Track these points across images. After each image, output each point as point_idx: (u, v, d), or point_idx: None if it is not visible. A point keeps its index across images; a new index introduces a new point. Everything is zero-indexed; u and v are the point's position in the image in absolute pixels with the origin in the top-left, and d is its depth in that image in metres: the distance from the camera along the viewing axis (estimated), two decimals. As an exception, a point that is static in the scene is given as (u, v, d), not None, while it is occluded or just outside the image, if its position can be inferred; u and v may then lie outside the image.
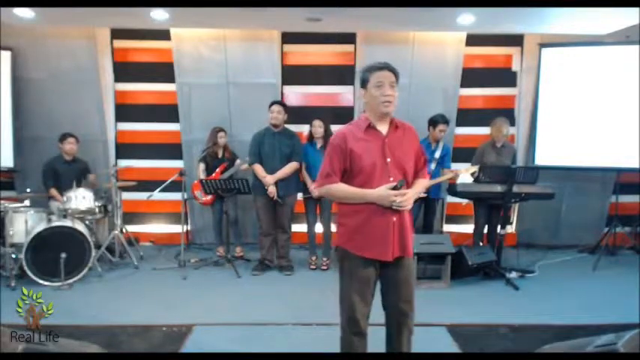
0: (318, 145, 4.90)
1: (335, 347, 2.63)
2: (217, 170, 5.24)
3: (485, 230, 5.07)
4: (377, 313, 2.52)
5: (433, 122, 4.97)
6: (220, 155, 5.33)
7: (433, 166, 4.99)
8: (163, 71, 5.78)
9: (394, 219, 2.30)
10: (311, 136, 4.98)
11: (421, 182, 2.46)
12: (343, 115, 5.86)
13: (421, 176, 2.46)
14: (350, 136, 2.33)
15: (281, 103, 4.94)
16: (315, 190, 4.79)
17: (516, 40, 5.80)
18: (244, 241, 5.70)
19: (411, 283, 2.41)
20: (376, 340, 2.58)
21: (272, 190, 4.70)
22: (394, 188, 2.25)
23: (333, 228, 5.07)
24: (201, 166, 5.32)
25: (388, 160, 2.30)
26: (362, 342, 2.46)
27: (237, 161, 5.28)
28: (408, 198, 2.28)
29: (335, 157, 2.34)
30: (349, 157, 2.31)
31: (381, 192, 2.27)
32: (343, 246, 2.39)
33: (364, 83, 2.33)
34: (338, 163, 2.33)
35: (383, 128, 2.34)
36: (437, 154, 5.00)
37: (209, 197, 5.20)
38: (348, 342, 2.45)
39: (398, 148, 2.33)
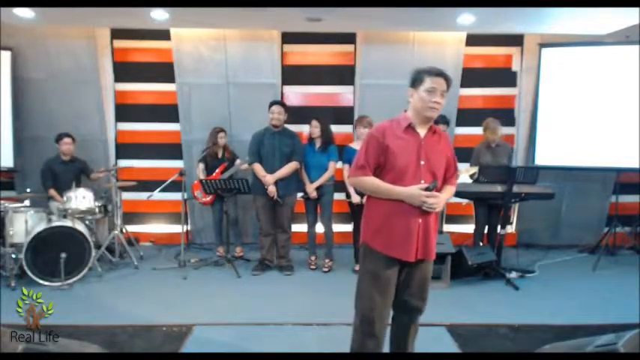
0: (317, 146, 4.90)
1: (335, 347, 2.63)
2: (217, 170, 5.24)
3: (486, 230, 5.07)
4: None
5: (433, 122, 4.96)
6: (220, 155, 5.33)
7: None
8: (163, 71, 5.78)
9: (420, 220, 2.32)
10: (310, 137, 4.98)
11: (449, 189, 2.48)
12: (343, 115, 5.87)
13: (450, 183, 2.49)
14: (389, 132, 2.35)
15: (281, 103, 4.94)
16: (312, 191, 4.80)
17: (516, 40, 5.79)
18: (244, 241, 5.70)
19: (428, 284, 2.47)
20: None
21: (272, 189, 4.70)
22: (427, 189, 2.27)
23: (335, 228, 5.07)
24: (201, 166, 5.32)
25: (422, 162, 2.32)
26: (374, 345, 2.42)
27: (237, 161, 5.28)
28: (439, 201, 2.30)
29: (371, 149, 2.35)
30: (385, 153, 2.32)
31: (413, 191, 2.28)
32: (368, 242, 2.40)
33: (415, 83, 2.35)
34: (373, 156, 2.35)
35: (422, 131, 2.37)
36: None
37: (209, 197, 5.20)
38: (359, 344, 2.44)
39: (432, 152, 2.36)
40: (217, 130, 5.29)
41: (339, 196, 5.13)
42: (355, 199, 4.68)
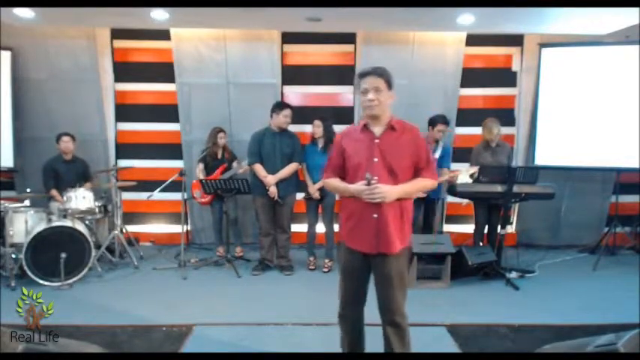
0: (320, 146, 4.90)
1: (335, 347, 2.63)
2: (217, 171, 5.24)
3: (486, 230, 5.07)
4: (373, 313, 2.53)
5: (432, 122, 4.97)
6: (220, 156, 5.33)
7: (433, 166, 4.99)
8: (163, 71, 5.78)
9: (375, 215, 2.39)
10: (313, 137, 4.97)
11: (415, 182, 2.47)
12: (343, 115, 5.87)
13: (422, 176, 2.48)
14: (347, 135, 2.55)
15: (290, 106, 4.88)
16: (315, 192, 4.81)
17: (516, 40, 5.79)
18: (244, 241, 5.70)
19: (396, 281, 2.46)
20: (375, 341, 2.59)
21: (273, 190, 4.70)
22: (368, 184, 2.34)
23: (335, 228, 5.07)
24: (200, 166, 5.31)
25: (375, 160, 2.40)
26: (345, 324, 2.61)
27: (234, 164, 5.27)
28: (378, 192, 2.32)
29: (334, 153, 2.58)
30: (343, 155, 2.50)
31: (356, 187, 2.40)
32: (340, 235, 2.59)
33: (357, 89, 2.47)
34: (335, 159, 2.56)
35: (378, 129, 2.45)
36: (437, 154, 4.99)
37: (207, 197, 5.20)
38: (339, 323, 2.64)
39: (390, 149, 2.42)
40: (217, 131, 5.29)
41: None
42: None
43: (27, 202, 4.71)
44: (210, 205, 5.35)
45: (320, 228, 5.06)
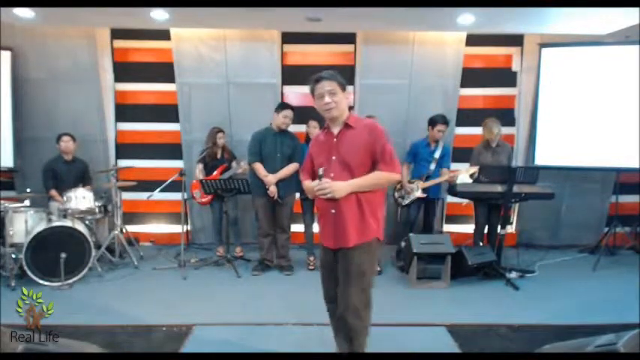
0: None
1: (335, 347, 2.63)
2: (216, 171, 5.24)
3: (486, 230, 5.07)
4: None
5: (432, 122, 4.97)
6: (219, 156, 5.33)
7: (433, 166, 5.00)
8: (163, 71, 5.78)
9: (333, 210, 2.48)
10: (307, 137, 4.97)
11: (369, 175, 2.46)
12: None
13: (379, 168, 2.46)
14: (315, 141, 2.69)
15: (291, 107, 4.88)
16: None
17: (516, 40, 5.80)
18: (244, 241, 5.70)
19: (352, 276, 2.45)
20: (376, 341, 2.59)
21: (273, 189, 4.69)
22: (319, 178, 2.45)
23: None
24: (200, 166, 5.32)
25: (333, 158, 2.49)
26: (332, 318, 2.70)
27: (234, 164, 5.27)
28: (326, 188, 2.40)
29: (306, 158, 2.71)
30: (312, 157, 2.64)
31: (310, 184, 2.57)
32: None
33: (312, 95, 2.56)
34: (307, 162, 2.70)
35: (336, 129, 2.54)
36: (436, 154, 5.00)
37: (207, 198, 5.20)
38: (329, 316, 2.74)
39: (344, 146, 2.48)
40: (216, 131, 5.29)
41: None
42: None
43: (27, 202, 4.70)
44: (210, 205, 5.35)
45: (317, 228, 5.06)
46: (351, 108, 5.83)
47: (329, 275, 2.62)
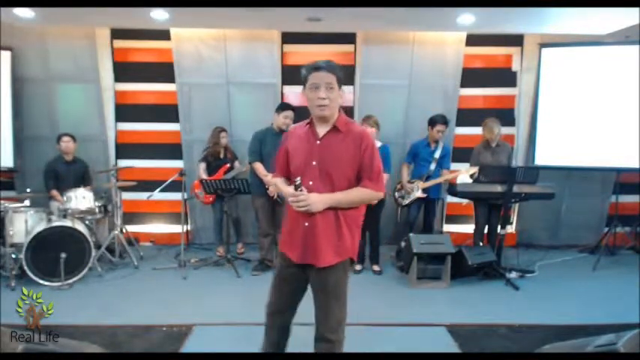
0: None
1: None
2: (219, 171, 5.24)
3: (486, 230, 5.07)
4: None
5: (431, 122, 4.98)
6: (222, 155, 5.32)
7: (433, 166, 5.00)
8: (163, 71, 5.78)
9: (306, 224, 2.22)
10: None
11: (351, 191, 2.22)
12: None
13: (363, 185, 2.23)
14: (292, 135, 2.38)
15: (292, 108, 4.85)
16: None
17: (516, 40, 5.79)
18: (245, 240, 5.70)
19: (328, 295, 2.27)
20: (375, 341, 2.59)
21: (273, 189, 4.69)
22: (295, 187, 2.17)
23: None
24: (202, 165, 5.32)
25: (313, 163, 2.22)
26: (268, 331, 2.47)
27: (237, 164, 5.27)
28: (301, 200, 2.14)
29: (280, 152, 2.42)
30: (287, 155, 2.35)
31: (286, 189, 2.29)
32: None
33: (303, 84, 2.22)
34: (279, 158, 2.41)
35: (322, 130, 2.25)
36: (437, 155, 5.00)
37: (210, 197, 5.20)
38: (265, 329, 2.49)
39: (330, 152, 2.21)
40: (219, 130, 5.29)
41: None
42: None
43: (27, 202, 4.70)
44: (212, 205, 5.35)
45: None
46: (351, 108, 5.92)
47: (285, 288, 2.37)
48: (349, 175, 2.22)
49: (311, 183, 2.20)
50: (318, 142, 2.24)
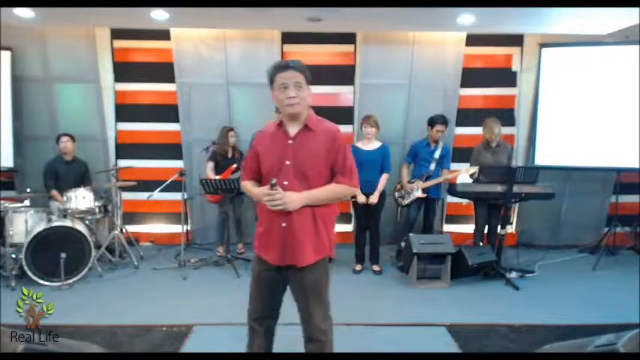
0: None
1: (335, 347, 2.62)
2: (226, 171, 5.23)
3: (486, 230, 5.07)
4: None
5: (431, 122, 4.98)
6: (230, 155, 5.32)
7: (433, 166, 5.00)
8: (163, 71, 5.77)
9: (283, 224, 2.20)
10: None
11: (326, 187, 2.24)
12: (343, 115, 5.87)
13: (337, 181, 2.24)
14: (262, 136, 2.35)
15: None
16: None
17: (516, 40, 5.79)
18: (245, 240, 5.70)
19: (311, 295, 2.27)
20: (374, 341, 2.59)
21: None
22: (270, 187, 2.15)
23: (336, 228, 5.06)
24: (210, 164, 5.31)
25: (287, 162, 2.20)
26: (252, 336, 2.42)
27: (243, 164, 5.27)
28: (278, 199, 2.13)
29: (250, 154, 2.40)
30: (257, 156, 2.31)
31: (259, 190, 2.25)
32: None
33: (271, 84, 2.22)
34: (249, 161, 2.38)
35: (293, 129, 2.24)
36: (436, 154, 5.00)
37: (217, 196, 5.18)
38: (248, 332, 2.45)
39: (303, 151, 2.21)
40: (227, 130, 5.30)
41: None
42: (361, 198, 4.68)
43: (27, 202, 4.71)
44: (218, 204, 5.32)
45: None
46: (351, 108, 5.91)
47: (266, 293, 2.34)
48: (324, 172, 2.24)
49: (286, 183, 2.19)
50: (291, 141, 2.22)
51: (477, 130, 5.18)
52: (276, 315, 2.43)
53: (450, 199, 5.70)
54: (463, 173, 4.96)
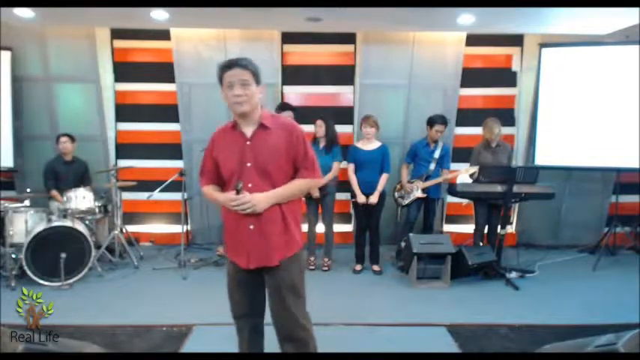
0: (321, 145, 4.90)
1: (335, 347, 2.63)
2: None
3: (486, 230, 5.07)
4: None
5: (430, 122, 4.98)
6: None
7: (433, 166, 5.00)
8: (163, 71, 5.77)
9: (251, 226, 2.18)
10: (315, 137, 4.97)
11: (291, 184, 2.23)
12: (343, 115, 5.87)
13: (301, 176, 2.24)
14: (217, 139, 2.30)
15: (291, 108, 4.83)
16: (315, 191, 4.79)
17: (516, 40, 5.79)
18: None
19: (287, 293, 2.24)
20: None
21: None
22: (236, 191, 2.12)
23: (335, 228, 5.07)
24: None
25: (248, 164, 2.18)
26: (241, 333, 2.42)
27: None
28: (246, 202, 2.11)
29: (206, 157, 2.34)
30: (215, 160, 2.27)
31: (224, 196, 2.20)
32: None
33: (220, 83, 2.19)
34: (208, 164, 2.33)
35: (248, 129, 2.21)
36: (436, 154, 5.00)
37: None
38: (237, 331, 2.45)
39: (262, 150, 2.18)
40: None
41: (340, 195, 5.15)
42: (361, 199, 4.68)
43: (27, 202, 4.71)
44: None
45: (320, 228, 5.06)
46: (351, 108, 5.90)
47: (243, 292, 2.32)
48: (286, 168, 2.22)
49: (251, 185, 2.16)
50: (249, 142, 2.20)
51: (477, 130, 5.18)
52: (260, 312, 2.38)
53: (450, 199, 5.70)
54: (463, 173, 4.96)
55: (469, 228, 5.47)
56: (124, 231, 5.31)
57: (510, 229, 5.91)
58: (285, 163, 2.21)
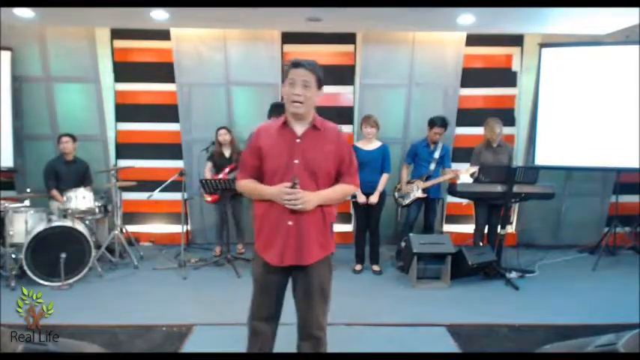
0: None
1: (334, 347, 2.63)
2: (226, 170, 5.23)
3: (486, 230, 5.07)
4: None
5: (430, 123, 4.98)
6: (228, 155, 5.31)
7: (433, 166, 5.00)
8: (163, 71, 5.77)
9: (290, 223, 2.18)
10: None
11: (336, 188, 2.28)
12: (343, 115, 5.87)
13: (345, 181, 2.30)
14: (264, 133, 2.32)
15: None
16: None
17: (516, 40, 5.80)
18: (245, 240, 5.70)
19: (317, 294, 2.27)
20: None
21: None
22: (292, 185, 2.13)
23: (336, 228, 5.06)
24: (209, 164, 5.31)
25: (296, 161, 2.19)
26: (255, 338, 2.39)
27: None
28: (299, 198, 2.12)
29: (248, 151, 2.37)
30: (259, 154, 2.26)
31: (275, 190, 2.18)
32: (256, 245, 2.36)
33: (285, 78, 2.25)
34: (249, 159, 2.33)
35: (299, 128, 2.24)
36: (436, 155, 5.00)
37: (214, 195, 5.18)
38: (249, 336, 2.41)
39: (312, 149, 2.21)
40: (217, 129, 5.30)
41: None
42: (361, 198, 4.68)
43: (27, 202, 4.71)
44: (216, 204, 5.32)
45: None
46: (351, 108, 5.90)
47: (269, 295, 2.32)
48: (331, 172, 2.26)
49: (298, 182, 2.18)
50: (299, 140, 2.22)
51: (477, 130, 5.18)
52: (279, 316, 2.41)
53: (450, 199, 5.70)
54: (463, 173, 4.96)
55: (469, 228, 5.47)
56: (124, 231, 5.31)
57: (510, 229, 5.91)
58: (331, 167, 2.25)
